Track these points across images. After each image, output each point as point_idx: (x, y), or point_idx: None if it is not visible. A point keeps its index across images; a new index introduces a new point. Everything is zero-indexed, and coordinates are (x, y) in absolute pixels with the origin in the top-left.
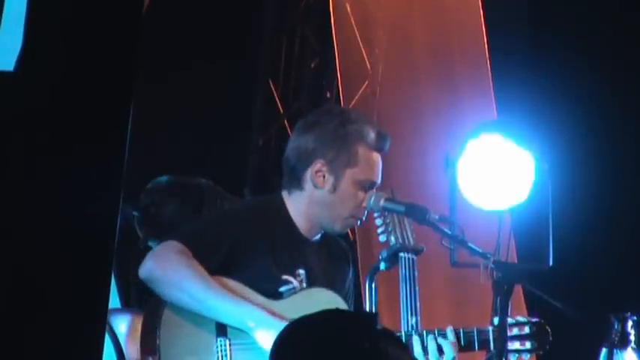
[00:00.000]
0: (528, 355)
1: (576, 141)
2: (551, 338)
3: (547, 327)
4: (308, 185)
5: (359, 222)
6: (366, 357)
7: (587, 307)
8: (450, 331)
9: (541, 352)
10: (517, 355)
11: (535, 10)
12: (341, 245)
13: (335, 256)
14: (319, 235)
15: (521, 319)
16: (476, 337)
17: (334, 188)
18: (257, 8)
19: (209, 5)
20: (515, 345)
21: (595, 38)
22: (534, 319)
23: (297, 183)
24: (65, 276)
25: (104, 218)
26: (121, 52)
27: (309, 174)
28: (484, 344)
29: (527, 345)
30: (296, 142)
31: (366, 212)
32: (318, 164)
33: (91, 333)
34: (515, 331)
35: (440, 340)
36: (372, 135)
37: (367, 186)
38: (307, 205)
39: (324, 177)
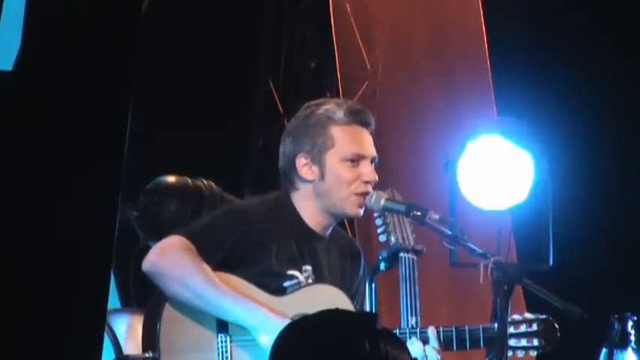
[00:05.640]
0: (536, 353)
1: (576, 141)
2: (559, 335)
3: (555, 324)
4: (301, 183)
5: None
6: (366, 357)
7: (587, 307)
8: (430, 334)
9: (549, 350)
10: (524, 352)
11: (535, 10)
12: (354, 243)
13: (347, 253)
14: (330, 230)
15: (529, 316)
16: (481, 335)
17: (322, 175)
18: (257, 8)
19: (208, 5)
20: (522, 342)
21: (595, 38)
22: (542, 316)
23: (291, 185)
24: (65, 276)
25: (104, 218)
26: (121, 51)
27: (297, 172)
28: (490, 342)
29: (535, 342)
30: (280, 151)
31: (369, 185)
32: (301, 159)
33: (90, 333)
34: (522, 328)
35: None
36: (339, 113)
37: (355, 159)
38: (309, 200)
39: (310, 169)
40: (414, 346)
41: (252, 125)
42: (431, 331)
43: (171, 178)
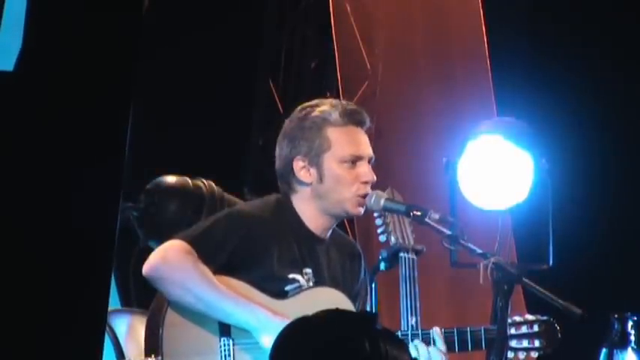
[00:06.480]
0: (537, 354)
1: (576, 141)
2: (560, 336)
3: (556, 325)
4: (299, 186)
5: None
6: (366, 357)
7: (587, 307)
8: (436, 335)
9: (550, 351)
10: (525, 353)
11: (535, 10)
12: (354, 244)
13: (347, 255)
14: (330, 232)
15: (530, 317)
16: (483, 336)
17: (320, 177)
18: (257, 8)
19: (208, 6)
20: (524, 343)
21: (595, 38)
22: (543, 318)
23: (289, 187)
24: (65, 276)
25: (104, 218)
26: (121, 51)
27: (295, 175)
28: (492, 343)
29: (537, 343)
30: (277, 153)
31: (368, 186)
32: (298, 162)
33: (91, 333)
34: (524, 329)
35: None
36: (335, 114)
37: (353, 160)
38: (308, 202)
39: (308, 171)
40: (418, 349)
41: (252, 125)
42: (436, 332)
43: (171, 178)
